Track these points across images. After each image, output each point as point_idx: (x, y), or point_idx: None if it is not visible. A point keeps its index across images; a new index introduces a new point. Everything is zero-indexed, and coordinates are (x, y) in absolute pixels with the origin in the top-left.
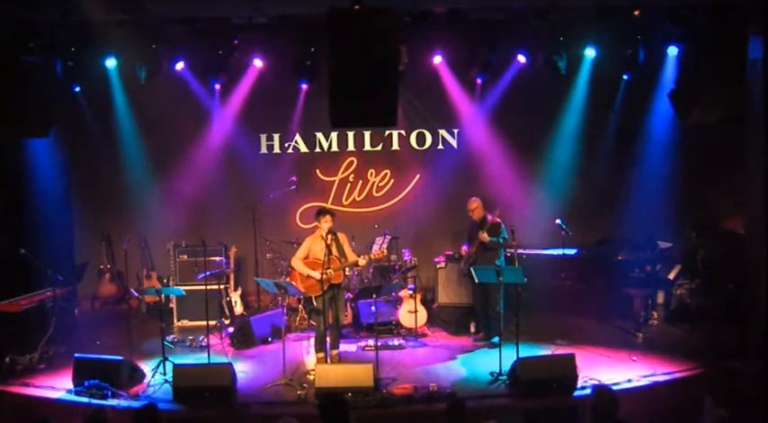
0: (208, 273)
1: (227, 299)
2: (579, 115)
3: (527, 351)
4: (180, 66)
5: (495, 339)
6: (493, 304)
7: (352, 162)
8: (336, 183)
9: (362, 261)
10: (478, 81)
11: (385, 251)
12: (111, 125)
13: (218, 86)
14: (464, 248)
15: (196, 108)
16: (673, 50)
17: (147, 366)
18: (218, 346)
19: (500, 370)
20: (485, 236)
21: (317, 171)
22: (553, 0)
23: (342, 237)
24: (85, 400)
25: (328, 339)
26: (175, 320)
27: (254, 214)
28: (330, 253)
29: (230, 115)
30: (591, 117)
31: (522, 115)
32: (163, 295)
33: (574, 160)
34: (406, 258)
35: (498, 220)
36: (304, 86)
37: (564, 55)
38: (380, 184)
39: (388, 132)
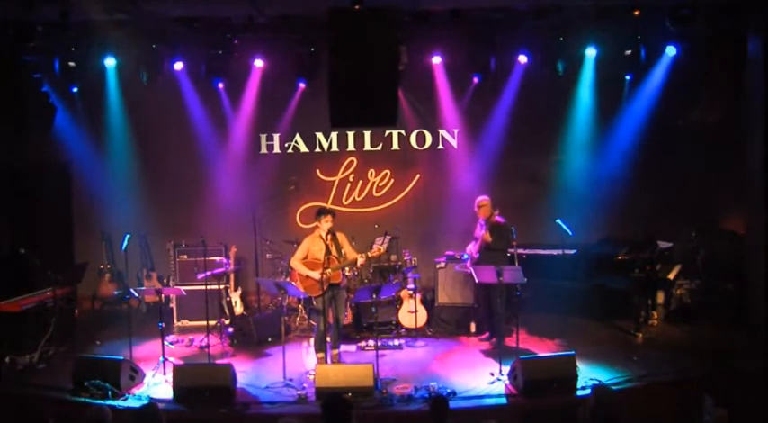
0: (208, 273)
1: (227, 299)
2: (580, 115)
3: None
4: (179, 66)
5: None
6: (495, 304)
7: (352, 162)
8: (336, 183)
9: (361, 259)
10: (478, 81)
11: (382, 249)
12: (110, 125)
13: (221, 85)
14: (469, 248)
15: (196, 108)
16: (672, 50)
17: (146, 366)
18: (218, 346)
19: (500, 370)
20: (487, 235)
21: (317, 171)
22: (553, 0)
23: (341, 236)
24: (85, 400)
25: (328, 339)
26: (175, 320)
27: (254, 214)
28: (329, 253)
29: (230, 115)
30: (592, 117)
31: (523, 115)
32: (162, 295)
33: (574, 160)
34: (406, 258)
35: (501, 220)
36: (303, 86)
37: (562, 56)
38: (380, 184)
39: (388, 132)
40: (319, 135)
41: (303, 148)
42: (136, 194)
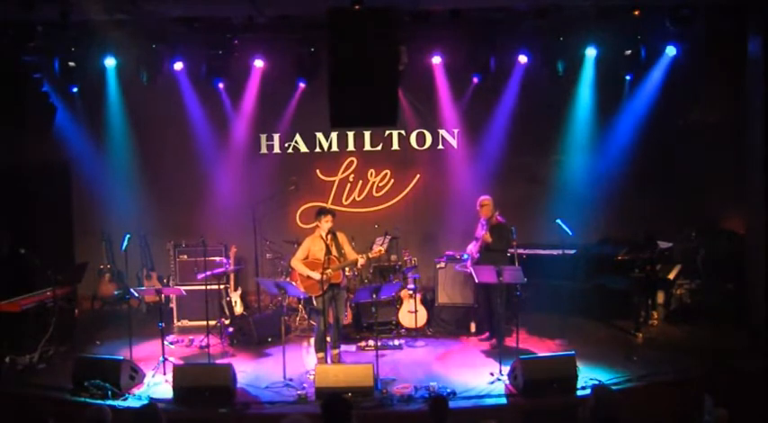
0: (208, 273)
1: (227, 299)
2: (580, 115)
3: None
4: (179, 66)
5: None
6: (495, 304)
7: (352, 162)
8: (336, 183)
9: (362, 260)
10: (478, 81)
11: (383, 250)
12: (110, 125)
13: (221, 85)
14: (469, 248)
15: (196, 108)
16: (672, 50)
17: (146, 366)
18: (218, 346)
19: (500, 370)
20: (487, 236)
21: (317, 171)
22: (553, 0)
23: (341, 236)
24: (85, 400)
25: (328, 339)
26: (175, 320)
27: (254, 214)
28: (329, 253)
29: (230, 115)
30: (592, 117)
31: (523, 115)
32: (162, 295)
33: (574, 160)
34: (406, 258)
35: (502, 220)
36: (303, 86)
37: (562, 56)
38: (380, 184)
39: (388, 132)
40: (319, 135)
41: (303, 148)
42: (136, 194)
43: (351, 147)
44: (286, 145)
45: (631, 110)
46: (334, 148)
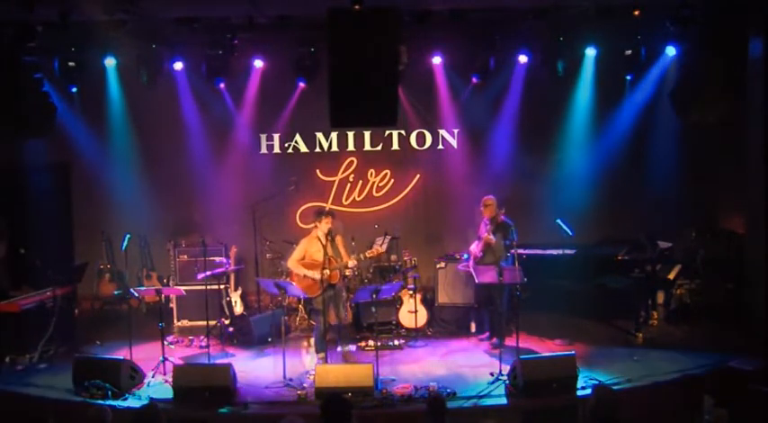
0: (208, 273)
1: (227, 299)
2: (580, 115)
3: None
4: (179, 66)
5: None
6: (497, 304)
7: (352, 162)
8: (336, 183)
9: (352, 262)
10: (477, 81)
11: (380, 249)
12: (110, 125)
13: (222, 85)
14: (472, 248)
15: (196, 108)
16: (672, 50)
17: (146, 366)
18: (218, 346)
19: (500, 370)
20: (490, 238)
21: (317, 171)
22: (553, 0)
23: (338, 239)
24: (85, 400)
25: (328, 339)
26: (175, 320)
27: (254, 214)
28: (327, 254)
29: (230, 115)
30: (591, 117)
31: (523, 115)
32: (162, 295)
33: (574, 159)
34: (406, 258)
35: (504, 218)
36: (303, 86)
37: (562, 56)
38: (380, 184)
39: (388, 132)
40: (319, 135)
41: (303, 148)
42: (136, 194)
43: (351, 147)
44: (286, 145)
45: (631, 110)
46: (335, 148)
